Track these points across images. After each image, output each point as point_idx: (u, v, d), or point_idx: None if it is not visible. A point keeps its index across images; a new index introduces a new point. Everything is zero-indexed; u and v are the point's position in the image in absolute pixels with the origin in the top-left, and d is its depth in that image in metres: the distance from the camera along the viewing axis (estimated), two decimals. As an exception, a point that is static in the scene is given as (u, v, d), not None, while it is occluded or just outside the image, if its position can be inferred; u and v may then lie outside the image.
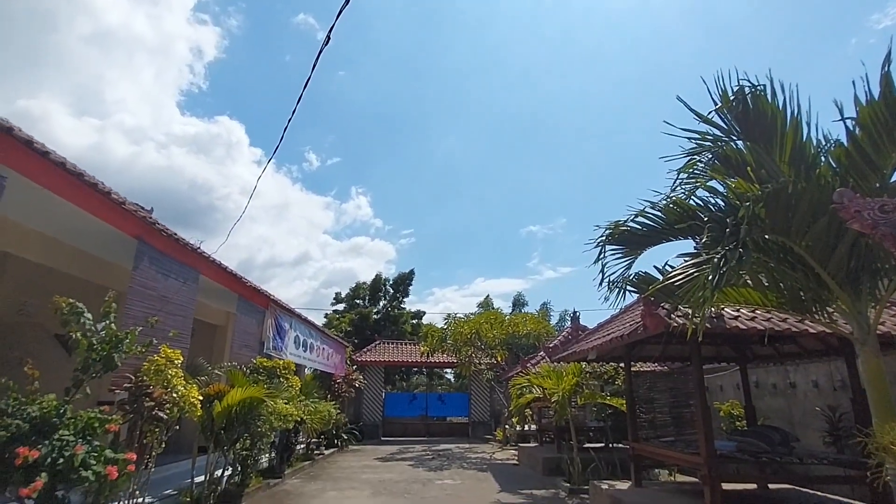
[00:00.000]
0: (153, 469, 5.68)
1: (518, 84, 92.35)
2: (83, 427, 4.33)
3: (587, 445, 10.42)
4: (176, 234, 6.70)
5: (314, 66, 4.82)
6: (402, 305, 34.69)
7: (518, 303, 38.54)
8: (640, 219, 4.53)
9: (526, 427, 15.99)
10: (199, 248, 7.67)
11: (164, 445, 5.72)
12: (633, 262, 4.83)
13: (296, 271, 71.59)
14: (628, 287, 4.90)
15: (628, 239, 4.73)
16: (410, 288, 35.45)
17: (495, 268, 75.21)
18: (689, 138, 4.22)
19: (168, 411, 5.55)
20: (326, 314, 33.78)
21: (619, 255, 4.83)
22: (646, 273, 4.79)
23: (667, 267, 4.38)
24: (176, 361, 5.69)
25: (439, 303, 73.56)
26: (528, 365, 14.69)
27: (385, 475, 10.44)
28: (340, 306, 34.94)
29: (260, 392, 7.26)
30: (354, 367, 19.50)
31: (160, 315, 6.10)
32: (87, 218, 5.42)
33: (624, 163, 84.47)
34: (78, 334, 4.48)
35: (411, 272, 35.59)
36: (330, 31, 4.29)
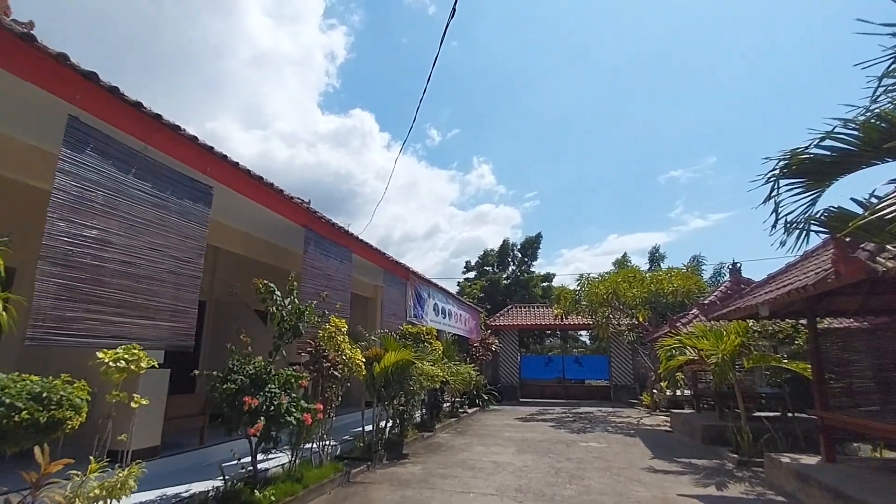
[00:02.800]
0: (334, 418, 6.77)
1: (641, 12, 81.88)
2: (284, 382, 5.32)
3: (758, 414, 9.36)
4: (332, 221, 7.68)
5: (442, 40, 4.97)
6: (530, 269, 34.64)
7: (656, 258, 35.28)
8: (827, 142, 3.64)
9: (677, 392, 14.98)
10: (349, 230, 8.65)
11: (339, 399, 6.76)
12: (819, 196, 3.91)
13: (427, 244, 75.77)
14: (813, 227, 4.01)
15: (811, 169, 3.82)
16: (538, 251, 35.15)
17: (630, 222, 69.88)
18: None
19: (340, 371, 6.52)
20: (459, 282, 35.38)
21: (799, 190, 3.94)
22: (838, 208, 3.83)
23: (871, 199, 3.57)
24: (342, 329, 6.59)
25: (569, 264, 71.37)
26: (678, 324, 13.56)
27: (527, 434, 10.80)
28: (471, 274, 36.25)
29: (410, 355, 8.06)
30: (489, 331, 20.23)
31: (326, 290, 7.11)
32: (267, 214, 6.55)
33: (780, 86, 70.18)
34: (273, 309, 5.46)
35: (538, 235, 35.14)
36: (455, 3, 4.33)
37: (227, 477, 4.87)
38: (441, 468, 7.10)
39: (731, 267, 16.91)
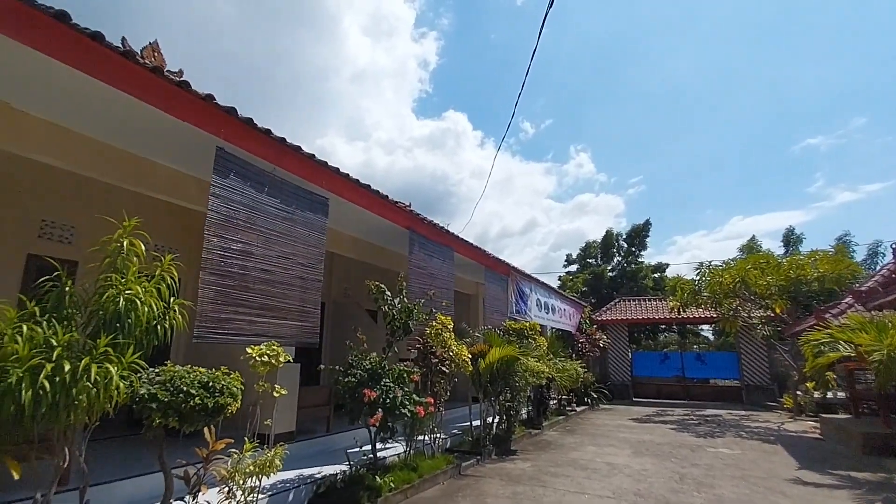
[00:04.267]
0: (443, 412, 7.03)
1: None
2: (397, 377, 5.66)
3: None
4: (434, 221, 7.98)
5: (540, 32, 4.85)
6: (639, 260, 32.31)
7: (791, 240, 30.40)
8: None
9: (828, 394, 12.93)
10: (449, 229, 8.90)
11: (448, 394, 7.00)
12: None
13: (525, 239, 74.79)
14: None
15: None
16: (647, 240, 32.61)
17: (757, 201, 62.01)
18: None
19: (448, 367, 6.75)
20: (560, 276, 34.35)
21: None
22: None
23: None
24: (449, 326, 6.81)
25: (683, 252, 65.37)
26: (827, 316, 11.65)
27: (644, 436, 10.15)
28: (573, 267, 34.96)
29: (514, 351, 8.04)
30: (594, 326, 19.34)
31: (432, 289, 7.42)
32: (374, 219, 7.04)
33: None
34: (384, 308, 5.85)
35: (646, 223, 32.60)
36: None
37: (351, 462, 5.33)
38: (552, 466, 7.00)
39: (894, 246, 14.06)
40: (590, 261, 34.09)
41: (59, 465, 2.98)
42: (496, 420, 8.48)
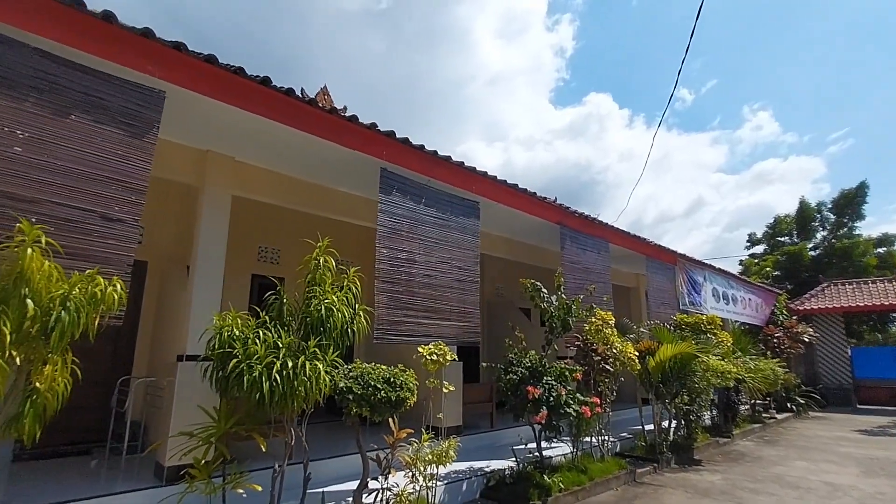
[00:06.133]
0: (610, 413, 6.67)
1: None
2: (559, 375, 5.58)
3: None
4: (586, 214, 7.67)
5: None
6: (853, 233, 25.86)
7: None
8: None
9: None
10: (600, 220, 8.43)
11: (614, 395, 6.62)
12: None
13: (689, 221, 66.40)
14: None
15: None
16: (864, 208, 25.87)
17: None
18: None
19: (612, 365, 6.39)
20: (741, 260, 29.60)
21: None
22: None
23: None
24: (610, 322, 6.44)
25: (921, 219, 50.16)
26: None
27: (876, 452, 8.10)
28: (757, 249, 29.81)
29: (690, 348, 7.21)
30: (794, 317, 16.12)
31: (585, 283, 7.12)
32: (523, 217, 7.10)
33: None
34: (541, 305, 5.82)
35: (861, 186, 25.75)
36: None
37: (518, 459, 5.43)
38: (748, 481, 6.08)
39: None
40: (781, 239, 28.57)
41: (287, 442, 3.71)
42: (673, 425, 7.73)
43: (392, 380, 4.07)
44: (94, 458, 5.02)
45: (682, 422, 7.88)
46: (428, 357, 4.61)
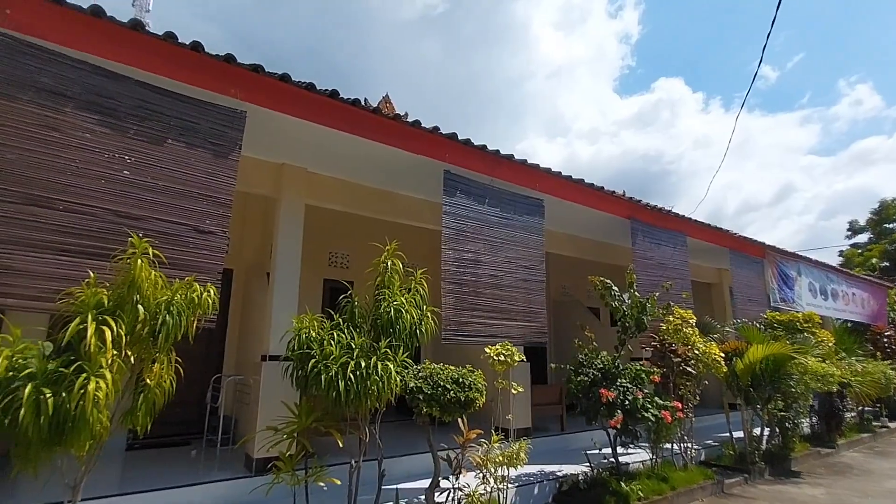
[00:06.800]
0: (693, 419, 6.24)
1: None
2: (634, 377, 5.31)
3: None
4: (659, 206, 7.27)
5: None
6: None
7: None
8: None
9: None
10: (673, 212, 7.92)
11: (697, 399, 6.18)
12: None
13: (777, 210, 60.70)
14: None
15: None
16: None
17: None
18: None
19: (694, 367, 5.97)
20: (841, 251, 26.63)
21: None
22: None
23: None
24: (690, 321, 6.03)
25: None
26: None
27: None
28: (860, 237, 26.63)
29: (785, 348, 6.58)
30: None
31: (660, 280, 6.72)
32: (590, 213, 6.88)
33: None
34: (613, 303, 5.58)
35: None
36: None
37: (591, 464, 5.23)
38: (857, 497, 5.43)
39: None
40: (888, 226, 25.32)
41: (362, 439, 3.85)
42: (765, 432, 7.08)
43: (461, 380, 4.09)
44: (192, 449, 5.52)
45: (776, 429, 7.19)
46: (495, 357, 4.57)
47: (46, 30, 3.13)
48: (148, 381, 2.67)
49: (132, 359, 2.57)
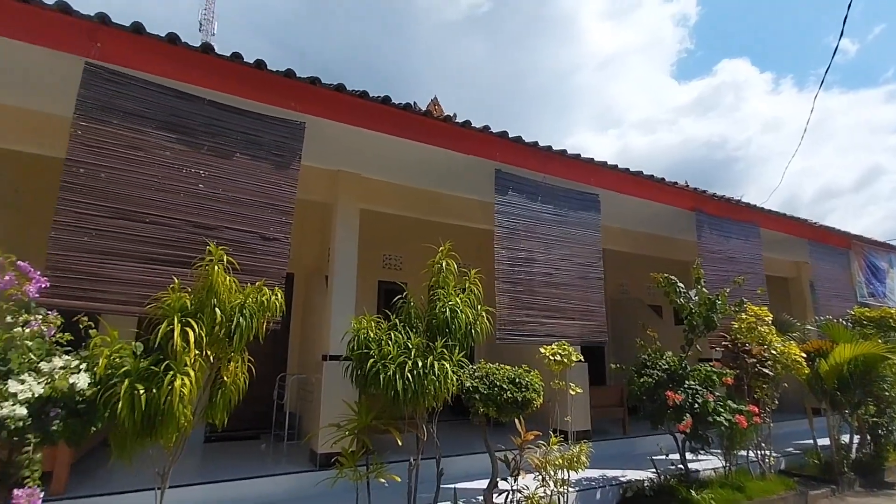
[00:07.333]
0: (771, 425, 5.78)
1: None
2: (703, 379, 5.01)
3: None
4: (727, 197, 6.85)
5: None
6: None
7: None
8: None
9: None
10: (743, 201, 7.40)
11: (775, 403, 5.73)
12: None
13: (861, 196, 55.38)
14: None
15: None
16: None
17: None
18: None
19: (771, 368, 5.54)
20: (940, 238, 23.57)
21: None
22: None
23: None
24: (766, 319, 5.60)
25: None
26: None
27: None
28: (966, 222, 23.46)
29: (877, 348, 5.95)
30: None
31: (730, 275, 6.30)
32: (650, 207, 6.60)
33: None
34: (679, 301, 5.31)
35: None
36: None
37: (657, 470, 4.99)
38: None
39: None
40: None
41: (420, 438, 3.91)
42: (855, 440, 6.44)
43: (517, 380, 4.05)
44: (262, 443, 5.86)
45: (868, 437, 6.53)
46: (551, 357, 4.48)
47: (130, 58, 3.45)
48: (225, 378, 2.87)
49: (211, 358, 2.78)
